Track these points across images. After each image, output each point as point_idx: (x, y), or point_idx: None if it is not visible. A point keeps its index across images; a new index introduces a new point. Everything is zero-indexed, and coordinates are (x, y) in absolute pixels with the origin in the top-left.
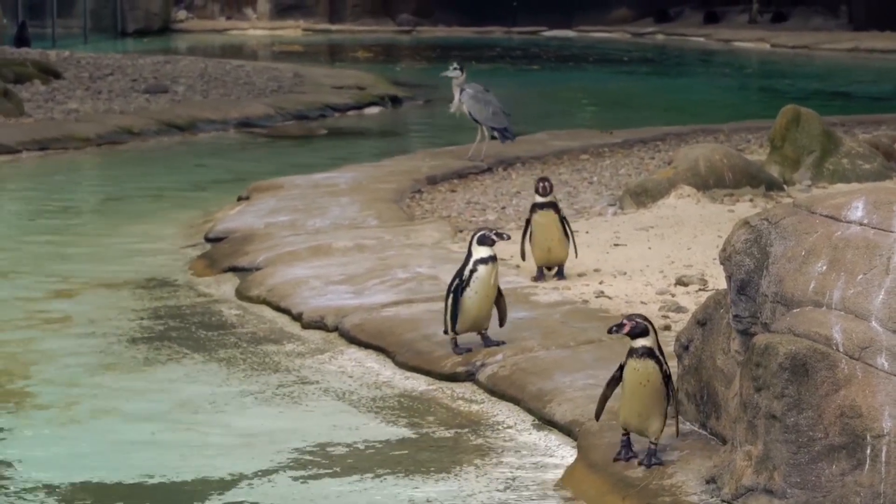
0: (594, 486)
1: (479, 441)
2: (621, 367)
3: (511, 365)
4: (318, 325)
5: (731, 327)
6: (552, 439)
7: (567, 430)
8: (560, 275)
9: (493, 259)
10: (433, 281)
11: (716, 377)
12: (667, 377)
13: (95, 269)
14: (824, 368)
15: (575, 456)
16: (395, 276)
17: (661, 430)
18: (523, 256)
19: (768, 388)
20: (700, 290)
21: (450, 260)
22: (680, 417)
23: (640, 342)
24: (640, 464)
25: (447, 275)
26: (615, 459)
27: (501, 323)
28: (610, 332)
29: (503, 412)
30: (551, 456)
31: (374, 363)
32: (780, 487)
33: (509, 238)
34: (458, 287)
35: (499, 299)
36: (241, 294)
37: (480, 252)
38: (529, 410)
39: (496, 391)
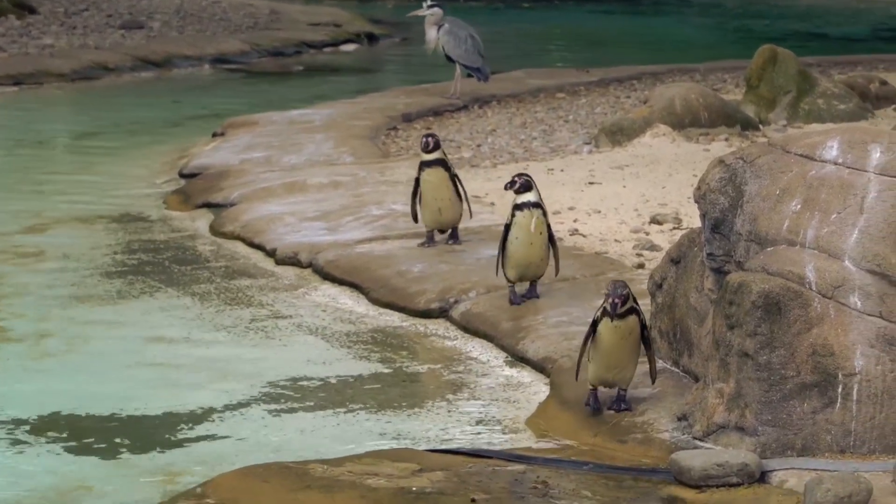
0: (566, 422)
1: (452, 377)
2: (594, 324)
3: (484, 302)
4: (292, 261)
5: (704, 265)
6: (525, 376)
7: (540, 366)
8: (454, 238)
9: (532, 205)
10: (407, 218)
11: (689, 315)
12: (643, 326)
13: (69, 203)
14: (797, 307)
15: (547, 392)
16: (370, 212)
17: (633, 377)
18: (415, 218)
19: (741, 327)
20: (674, 228)
21: None
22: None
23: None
24: (609, 409)
25: None
26: (586, 404)
27: (556, 271)
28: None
29: (476, 349)
30: (524, 392)
31: (347, 299)
32: (752, 425)
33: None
34: (504, 233)
35: (553, 247)
36: (215, 230)
37: (518, 198)
38: (502, 347)
39: (469, 328)
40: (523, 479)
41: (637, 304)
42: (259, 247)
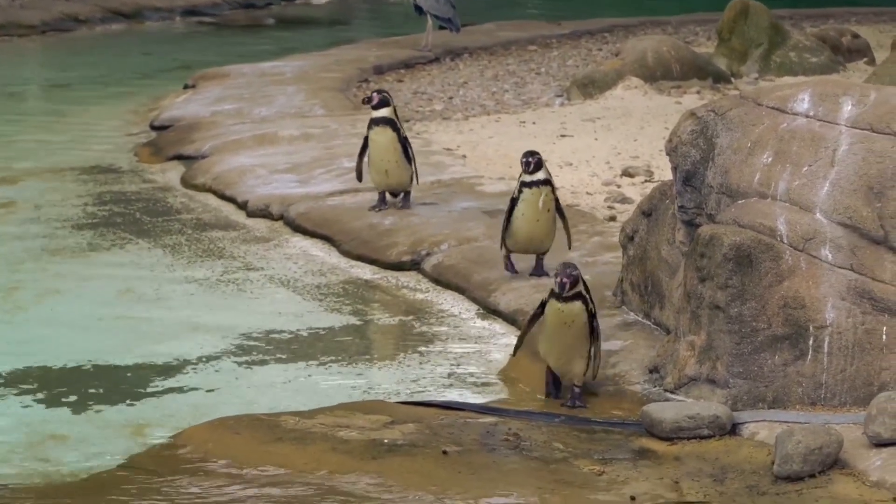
0: (538, 374)
1: (424, 329)
2: (543, 304)
3: (456, 254)
4: (264, 213)
5: (676, 218)
6: (496, 328)
7: (511, 319)
8: (406, 202)
9: (541, 183)
10: None
11: (660, 267)
12: (592, 316)
13: (40, 155)
14: (768, 259)
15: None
16: (341, 165)
17: (585, 373)
18: (359, 177)
19: (712, 279)
20: (646, 181)
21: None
22: (624, 308)
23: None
24: (562, 405)
25: None
26: (548, 394)
27: (569, 245)
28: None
29: (448, 301)
30: (495, 344)
31: (319, 251)
32: (723, 377)
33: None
34: (510, 206)
35: (563, 222)
36: (186, 182)
37: (526, 176)
38: (474, 300)
39: (441, 280)
40: (495, 432)
41: (588, 293)
42: (230, 199)
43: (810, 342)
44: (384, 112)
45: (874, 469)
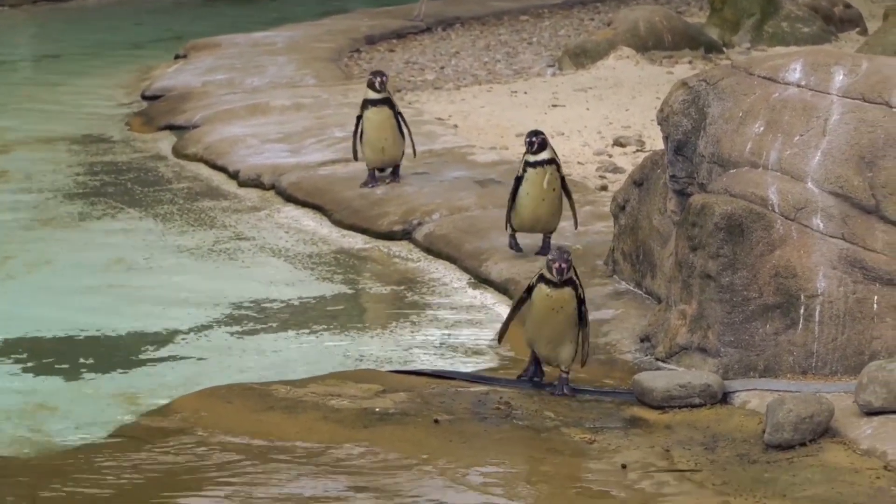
0: None
1: (415, 298)
2: (530, 289)
3: (448, 224)
4: (255, 182)
5: (667, 187)
6: (487, 297)
7: (502, 287)
8: (395, 176)
9: (546, 163)
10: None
11: (652, 237)
12: (581, 302)
13: (31, 125)
14: (760, 229)
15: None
16: (333, 134)
17: (573, 358)
18: (355, 156)
19: (704, 248)
20: (637, 150)
21: None
22: (616, 277)
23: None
24: (552, 394)
25: None
26: (520, 376)
27: (575, 224)
28: None
29: (439, 270)
30: (487, 314)
31: (310, 221)
32: (714, 346)
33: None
34: (514, 185)
35: (570, 202)
36: (177, 151)
37: (530, 156)
38: (465, 269)
39: (432, 249)
40: (486, 400)
41: (577, 277)
42: (222, 168)
43: (801, 311)
44: (383, 94)
45: (865, 437)
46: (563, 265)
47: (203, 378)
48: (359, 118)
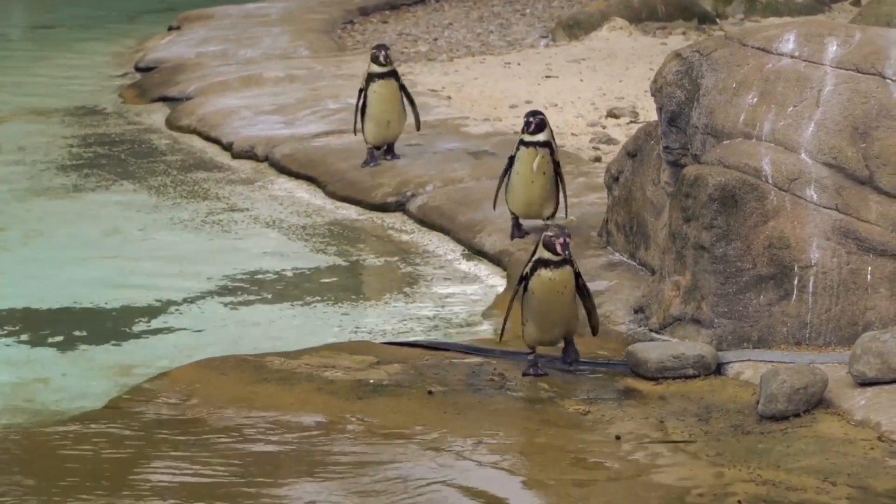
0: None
1: (409, 269)
2: (524, 279)
3: (441, 195)
4: (249, 154)
5: (661, 159)
6: (481, 268)
7: (496, 259)
8: (391, 153)
9: (540, 144)
10: None
11: (645, 208)
12: (578, 275)
13: (24, 97)
14: (753, 199)
15: (504, 285)
16: (327, 106)
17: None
18: (356, 131)
19: (697, 219)
20: (631, 121)
21: None
22: (609, 248)
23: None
24: (560, 368)
25: None
26: (525, 374)
27: (566, 212)
28: None
29: (433, 242)
30: (480, 285)
31: (304, 193)
32: (708, 317)
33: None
34: (507, 164)
35: (561, 186)
36: (171, 123)
37: (526, 136)
38: (459, 240)
39: (426, 221)
40: (480, 372)
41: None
42: (215, 140)
43: (795, 282)
44: (389, 67)
45: (859, 408)
46: (567, 240)
47: (197, 349)
48: (362, 92)
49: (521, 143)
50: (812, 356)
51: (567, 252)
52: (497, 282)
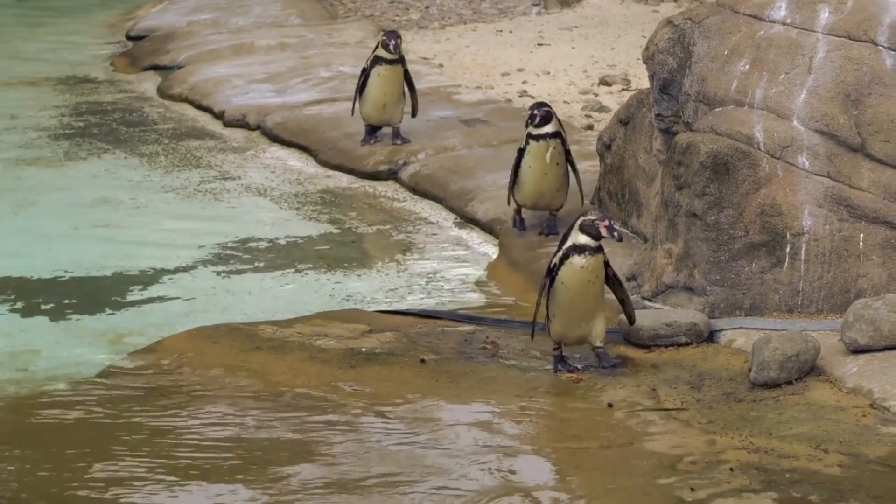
0: (516, 282)
1: (401, 237)
2: (553, 271)
3: (433, 163)
4: (240, 123)
5: (653, 126)
6: (474, 237)
7: (489, 227)
8: (398, 137)
9: (550, 136)
10: (356, 80)
11: (637, 176)
12: (607, 265)
13: (14, 66)
14: (745, 167)
15: (496, 253)
16: (318, 74)
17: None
18: (353, 111)
19: (689, 187)
20: (623, 89)
21: None
22: None
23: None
24: (593, 368)
25: None
26: (556, 370)
27: (582, 200)
28: None
29: (425, 210)
30: (473, 253)
31: (296, 161)
32: (700, 285)
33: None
34: (517, 158)
35: (576, 177)
36: (162, 92)
37: (533, 129)
38: (451, 209)
39: (418, 189)
40: (473, 340)
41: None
42: (207, 109)
43: (787, 249)
44: (398, 54)
45: (851, 375)
46: (612, 222)
47: (189, 318)
48: (364, 72)
49: (530, 136)
50: (804, 324)
51: (614, 235)
52: (489, 250)
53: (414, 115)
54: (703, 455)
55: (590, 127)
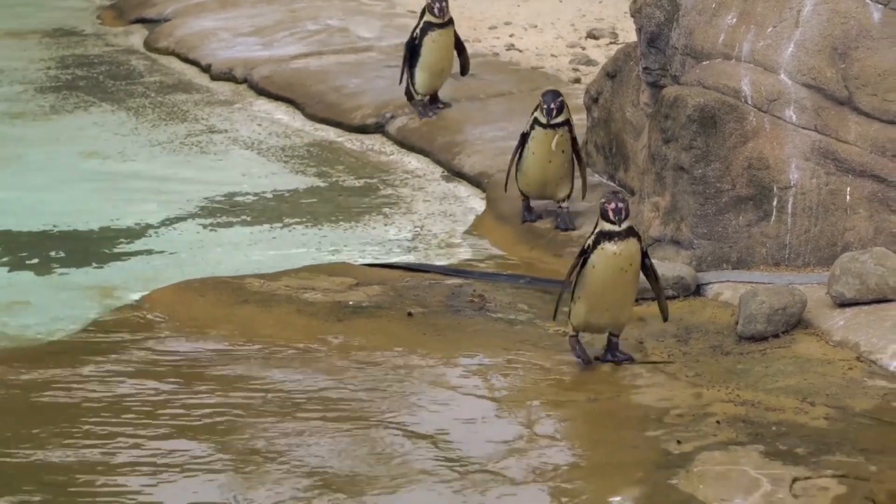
0: (503, 236)
1: (389, 191)
2: (585, 254)
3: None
4: (227, 76)
5: (640, 80)
6: (461, 190)
7: (476, 181)
8: (436, 101)
9: (557, 125)
10: (343, 33)
11: (625, 129)
12: (644, 254)
13: (0, 19)
14: (733, 120)
15: (483, 207)
16: (305, 27)
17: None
18: (401, 81)
19: (677, 140)
20: (611, 42)
21: (360, 12)
22: (589, 170)
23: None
24: (603, 359)
25: (357, 27)
26: (578, 357)
27: (583, 194)
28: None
29: (412, 163)
30: (460, 206)
31: (283, 114)
32: (687, 238)
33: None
34: (520, 142)
35: (580, 167)
36: (149, 45)
37: (541, 116)
38: (438, 162)
39: (405, 143)
40: (460, 293)
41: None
42: (194, 62)
43: (774, 203)
44: (446, 17)
45: (837, 329)
46: (620, 205)
47: (177, 271)
48: (413, 40)
49: (537, 122)
50: (791, 277)
51: (620, 218)
52: (476, 203)
53: (464, 73)
54: (689, 408)
55: (577, 80)
